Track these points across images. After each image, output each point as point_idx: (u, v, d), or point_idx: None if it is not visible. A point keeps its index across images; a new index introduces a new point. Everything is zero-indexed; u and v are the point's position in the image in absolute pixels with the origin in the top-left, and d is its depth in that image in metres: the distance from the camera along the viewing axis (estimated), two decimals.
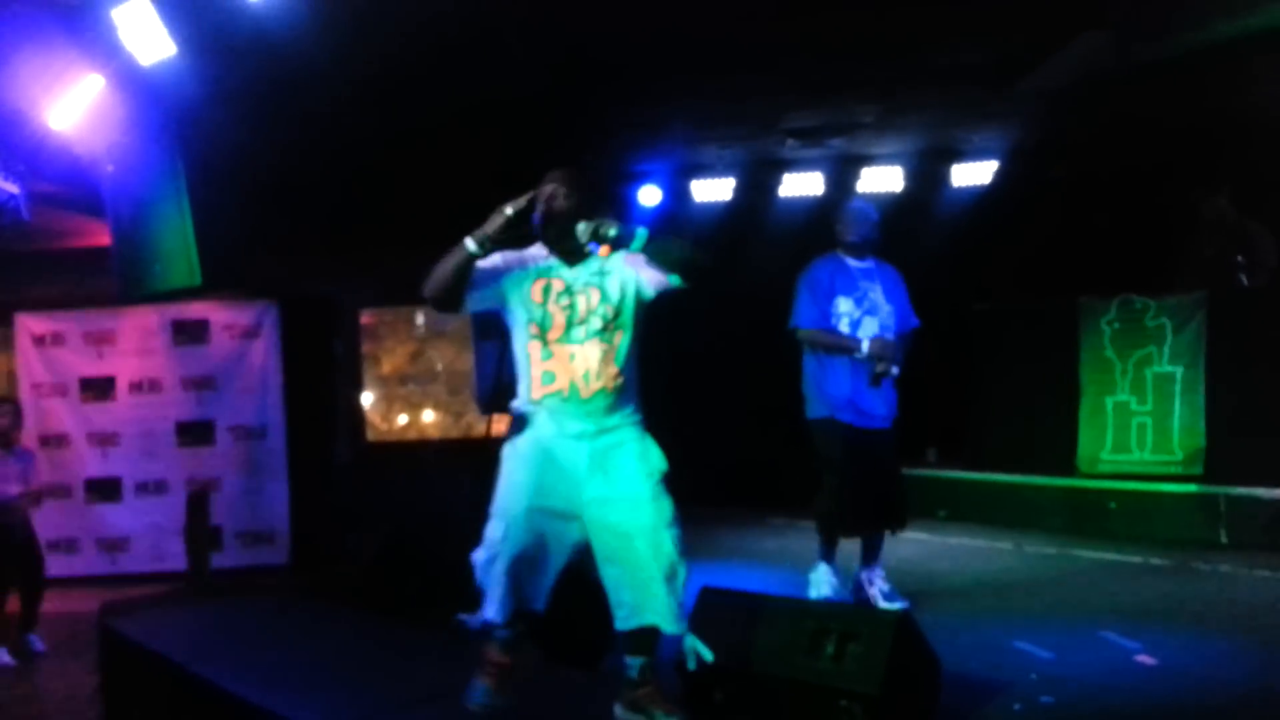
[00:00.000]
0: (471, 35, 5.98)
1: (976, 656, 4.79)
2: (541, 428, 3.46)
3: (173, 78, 5.23)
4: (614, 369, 3.45)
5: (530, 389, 3.48)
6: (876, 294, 5.69)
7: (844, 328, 5.62)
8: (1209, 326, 7.76)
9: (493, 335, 10.03)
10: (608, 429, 3.43)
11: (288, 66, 5.49)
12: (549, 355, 3.45)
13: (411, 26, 5.58)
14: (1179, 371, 7.89)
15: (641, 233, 3.34)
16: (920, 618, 3.92)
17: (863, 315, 5.64)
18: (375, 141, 7.53)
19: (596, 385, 3.42)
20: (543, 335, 3.45)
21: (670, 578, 3.34)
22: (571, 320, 3.44)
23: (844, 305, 5.64)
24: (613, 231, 3.35)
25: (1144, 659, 4.77)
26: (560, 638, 4.56)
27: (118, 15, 5.00)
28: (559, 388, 3.44)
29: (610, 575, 3.43)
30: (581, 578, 4.84)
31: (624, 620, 3.43)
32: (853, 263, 5.75)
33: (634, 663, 3.44)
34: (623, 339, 3.48)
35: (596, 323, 3.44)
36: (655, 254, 3.38)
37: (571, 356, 3.43)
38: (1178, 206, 8.46)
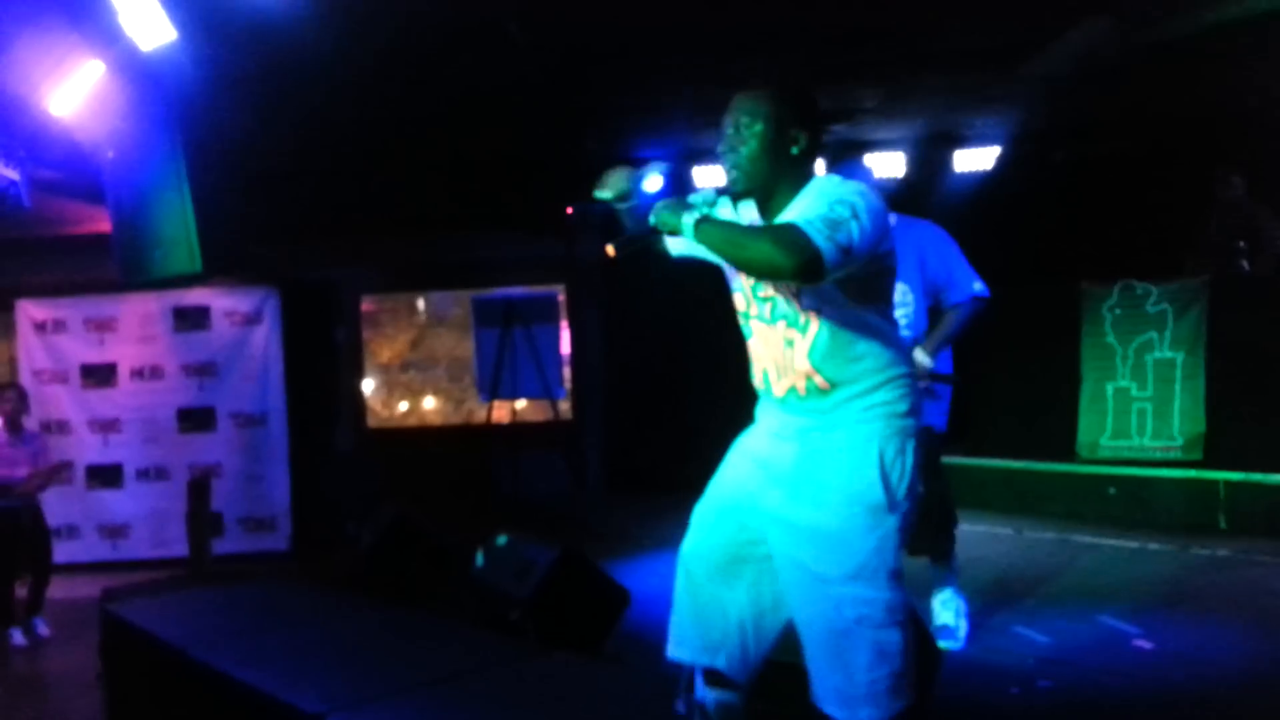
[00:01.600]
0: (472, 22, 5.96)
1: (975, 641, 4.81)
2: (757, 418, 2.78)
3: (173, 64, 5.22)
4: (806, 366, 2.52)
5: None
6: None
7: None
8: (1210, 312, 7.77)
9: (494, 322, 10.07)
10: (819, 429, 2.54)
11: (289, 52, 5.48)
12: (750, 334, 2.72)
13: (412, 13, 5.57)
14: (1179, 357, 7.90)
15: (686, 225, 2.44)
16: (919, 603, 3.93)
17: None
18: (376, 128, 7.52)
19: (784, 383, 2.59)
20: (746, 308, 2.69)
21: (840, 652, 2.42)
22: (755, 292, 2.61)
23: None
24: (651, 220, 2.52)
25: (1142, 643, 4.79)
26: (560, 619, 4.59)
27: (118, 0, 4.98)
28: (756, 376, 2.72)
29: (795, 625, 2.59)
30: (579, 557, 4.87)
31: (810, 691, 2.53)
32: None
33: None
34: (821, 328, 2.50)
35: (781, 302, 2.55)
36: (710, 249, 2.49)
37: (762, 340, 2.65)
38: (1181, 191, 8.45)
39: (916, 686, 2.45)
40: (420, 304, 11.38)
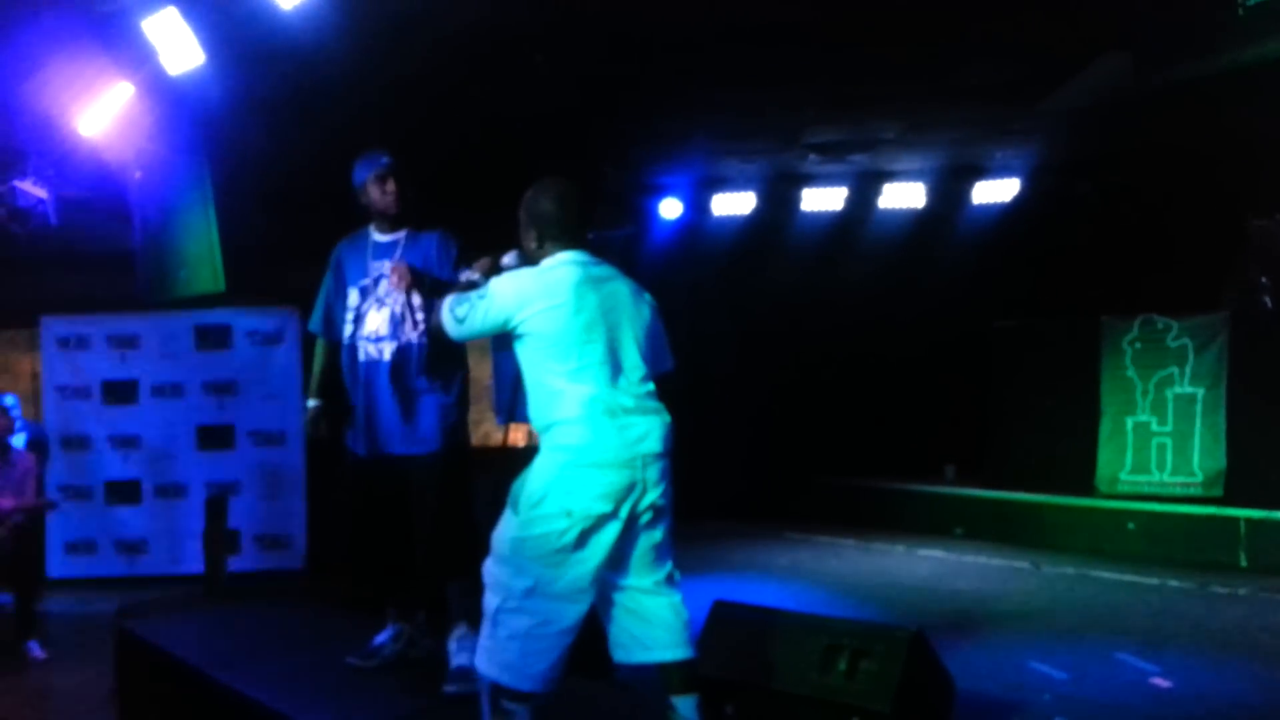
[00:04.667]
0: (497, 48, 6.02)
1: (991, 676, 4.77)
2: None
3: (201, 86, 5.30)
4: None
5: None
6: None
7: (349, 327, 4.09)
8: (1231, 348, 7.72)
9: (512, 347, 10.11)
10: None
11: (314, 76, 5.55)
12: None
13: (437, 38, 5.63)
14: (1200, 392, 7.85)
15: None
16: (934, 636, 3.91)
17: (368, 309, 4.04)
18: (399, 151, 7.58)
19: None
20: None
21: None
22: None
23: (352, 298, 4.11)
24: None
25: (1160, 682, 4.74)
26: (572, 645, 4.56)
27: (148, 24, 5.06)
28: None
29: None
30: None
31: None
32: (377, 236, 4.16)
33: None
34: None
35: None
36: None
37: None
38: (1203, 226, 8.42)
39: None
40: None
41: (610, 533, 2.98)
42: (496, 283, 3.17)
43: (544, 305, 3.05)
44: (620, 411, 3.04)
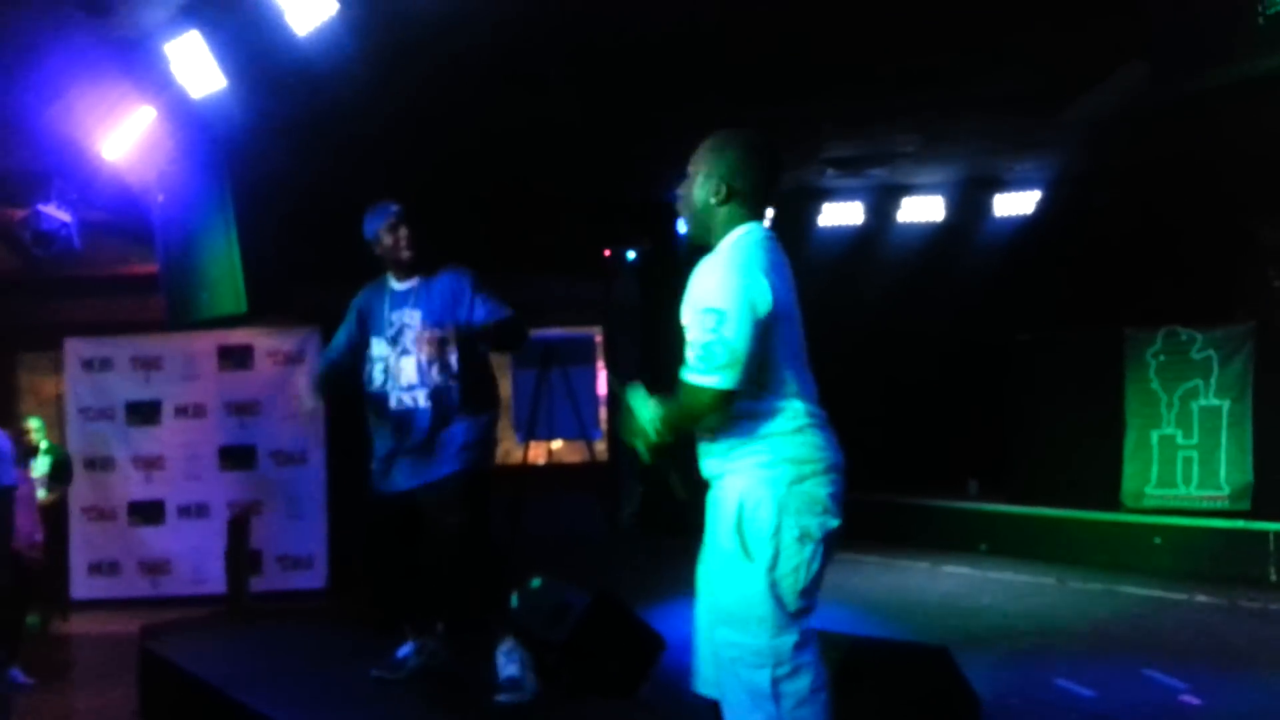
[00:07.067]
0: (509, 65, 6.05)
1: (1017, 693, 4.72)
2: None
3: (222, 109, 5.35)
4: None
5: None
6: (414, 322, 4.00)
7: (380, 378, 4.03)
8: (1256, 359, 7.64)
9: (531, 364, 10.12)
10: (715, 475, 2.74)
11: (333, 98, 5.59)
12: None
13: (450, 58, 5.66)
14: (1226, 405, 7.77)
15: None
16: (959, 653, 3.87)
17: (397, 359, 4.00)
18: (416, 171, 7.63)
19: None
20: None
21: (724, 689, 2.55)
22: None
23: (378, 349, 4.05)
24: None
25: (1189, 699, 4.67)
26: (595, 664, 4.55)
27: (170, 49, 5.12)
28: None
29: None
30: (615, 601, 4.84)
31: None
32: (395, 285, 4.14)
33: None
34: None
35: None
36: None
37: None
38: (1225, 236, 8.36)
39: None
40: None
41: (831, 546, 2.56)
42: (714, 297, 2.45)
43: (773, 290, 2.47)
44: (821, 414, 2.61)
